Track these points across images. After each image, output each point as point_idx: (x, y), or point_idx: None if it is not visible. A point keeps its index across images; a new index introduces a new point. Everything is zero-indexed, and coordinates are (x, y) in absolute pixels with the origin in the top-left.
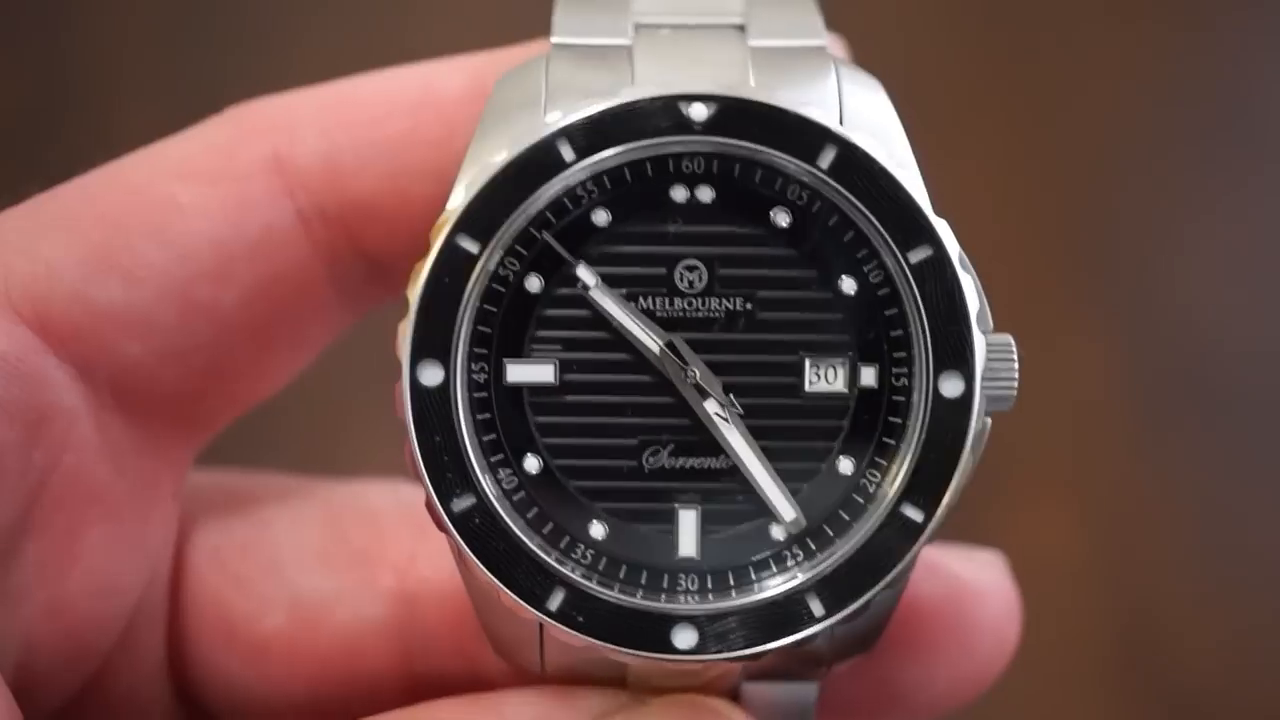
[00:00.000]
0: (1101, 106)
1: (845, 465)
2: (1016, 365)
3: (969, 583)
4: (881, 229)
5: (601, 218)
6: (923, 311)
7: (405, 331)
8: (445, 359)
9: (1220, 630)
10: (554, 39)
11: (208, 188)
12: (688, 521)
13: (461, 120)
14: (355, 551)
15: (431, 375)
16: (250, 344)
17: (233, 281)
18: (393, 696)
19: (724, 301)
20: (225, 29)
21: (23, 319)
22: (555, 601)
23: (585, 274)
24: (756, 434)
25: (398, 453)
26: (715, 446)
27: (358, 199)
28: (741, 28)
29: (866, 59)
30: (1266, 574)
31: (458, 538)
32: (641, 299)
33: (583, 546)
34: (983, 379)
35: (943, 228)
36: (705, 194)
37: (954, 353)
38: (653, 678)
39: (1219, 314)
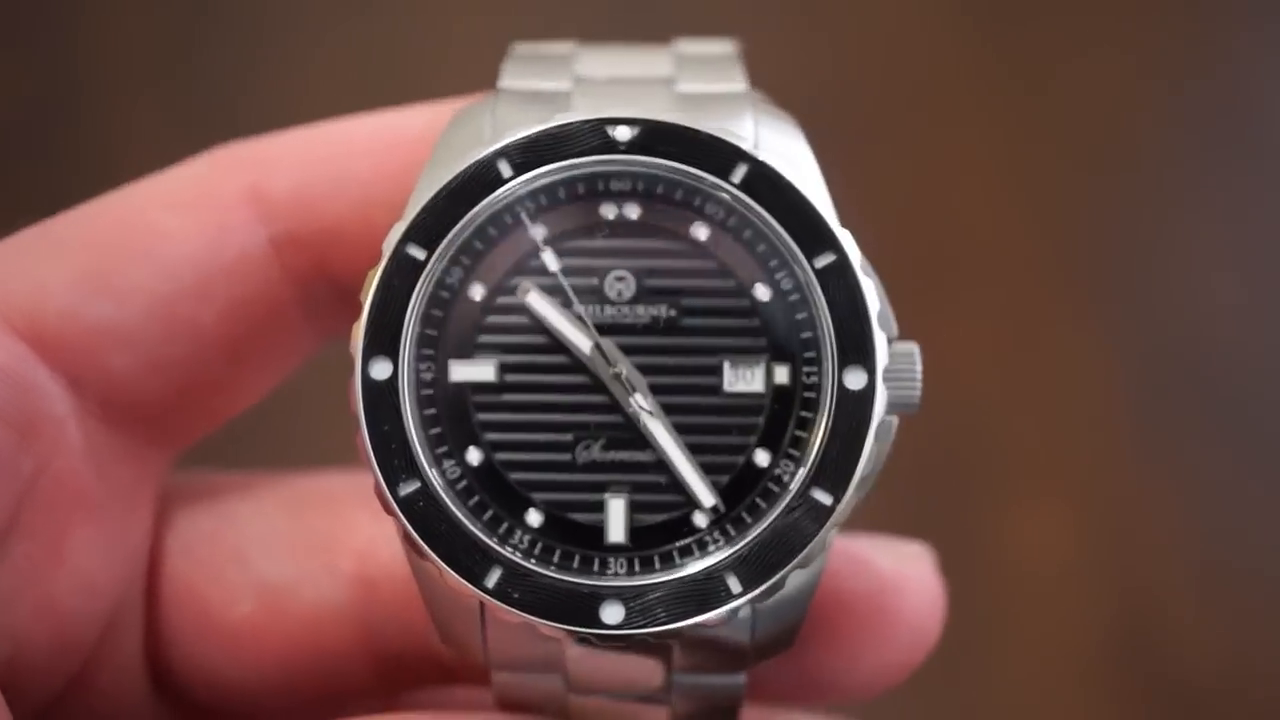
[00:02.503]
0: (1102, 106)
1: (761, 457)
2: (919, 370)
3: (890, 575)
4: (789, 239)
5: (539, 232)
6: (828, 312)
7: (358, 330)
8: (394, 355)
9: (1218, 628)
10: (501, 84)
11: (189, 215)
12: (617, 510)
13: (419, 157)
14: (317, 538)
15: (381, 370)
16: (226, 360)
17: (211, 300)
18: (358, 674)
19: (650, 309)
20: (229, 30)
21: (18, 334)
22: (492, 579)
23: (550, 259)
24: (680, 430)
25: (354, 451)
26: (642, 441)
27: (326, 227)
28: (670, 80)
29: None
30: (1264, 572)
31: (403, 519)
32: (574, 306)
33: (520, 532)
34: (886, 378)
35: (845, 236)
36: (632, 210)
37: (856, 348)
38: (589, 668)
39: (1217, 311)
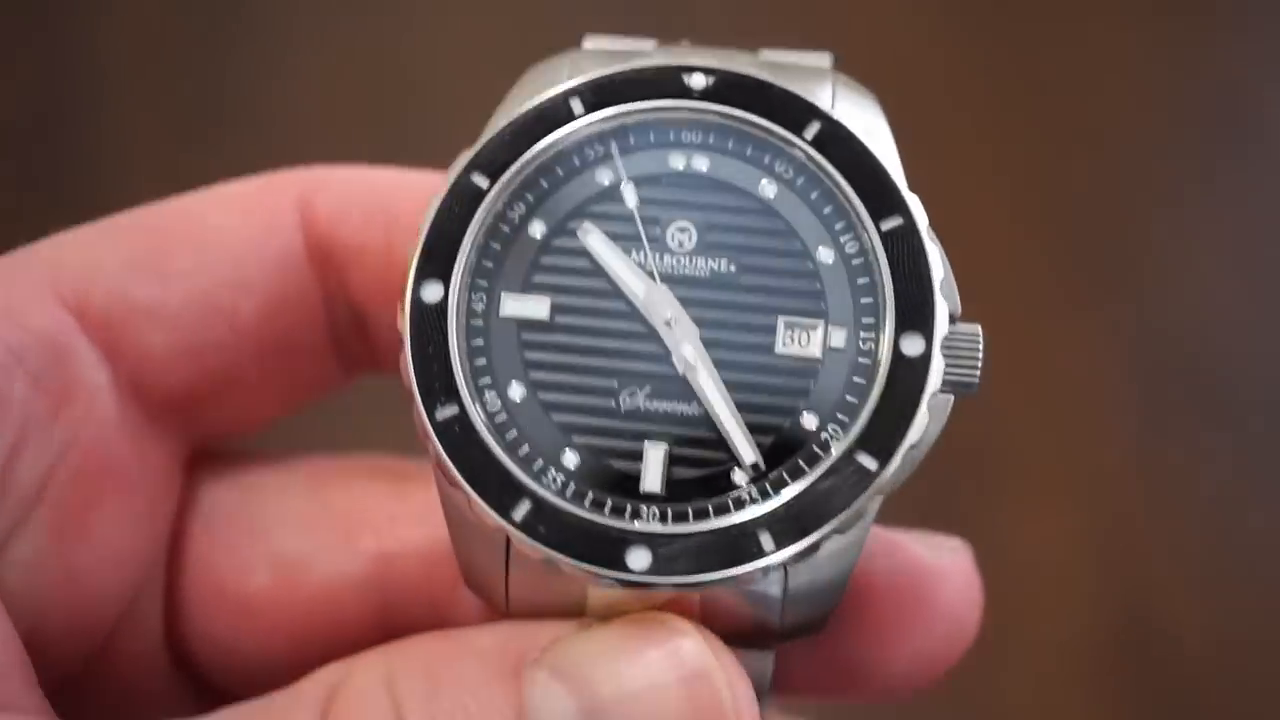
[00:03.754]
0: (1103, 104)
1: (809, 420)
2: (981, 351)
3: (928, 562)
4: (857, 200)
5: (606, 176)
6: (890, 276)
7: (414, 250)
8: (446, 279)
9: (1218, 628)
10: (585, 44)
11: (240, 213)
12: (654, 458)
13: None
14: (336, 515)
15: (432, 293)
16: (257, 355)
17: (250, 292)
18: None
19: (710, 262)
20: (229, 30)
21: (65, 305)
22: (520, 512)
23: (629, 194)
24: (729, 386)
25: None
26: (688, 393)
27: (353, 245)
28: (754, 49)
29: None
30: (1264, 572)
31: (436, 443)
32: (635, 252)
33: (554, 471)
34: (945, 352)
35: (914, 201)
36: (701, 162)
37: (916, 314)
38: (610, 613)
39: (1218, 312)
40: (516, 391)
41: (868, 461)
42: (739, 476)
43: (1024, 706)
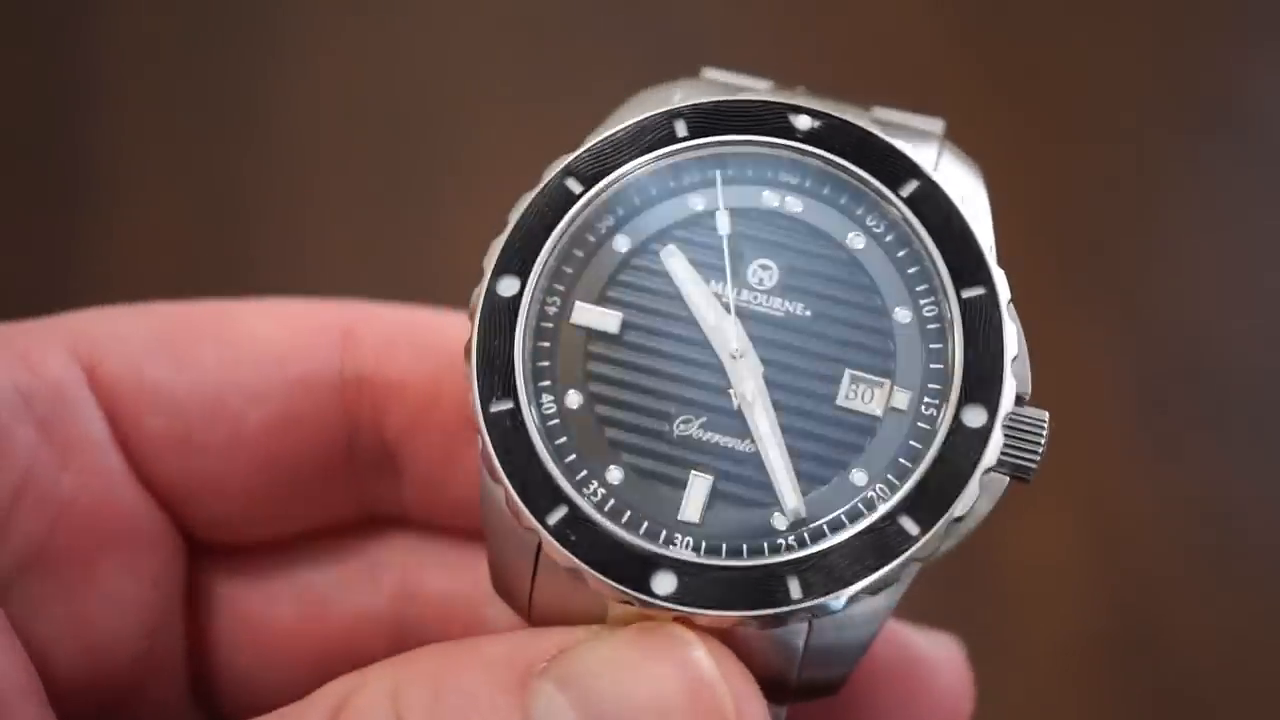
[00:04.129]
0: (1101, 103)
1: (859, 477)
2: (1044, 439)
3: (924, 652)
4: (943, 265)
5: (699, 203)
6: (963, 344)
7: (497, 244)
8: (524, 277)
9: (1217, 628)
10: (704, 74)
11: (276, 323)
12: (698, 489)
13: None
14: (362, 554)
15: (508, 287)
16: (255, 468)
17: (263, 404)
18: None
19: (787, 303)
20: (231, 31)
21: (78, 363)
22: (555, 517)
23: (723, 221)
24: (785, 430)
25: None
26: (743, 430)
27: (396, 380)
28: (868, 104)
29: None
30: (1263, 571)
31: (485, 433)
32: (714, 282)
33: (596, 484)
34: (1007, 431)
35: (999, 275)
36: (795, 204)
37: (983, 387)
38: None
39: (1217, 313)
40: (574, 399)
41: (910, 526)
42: (779, 521)
43: (1021, 705)
